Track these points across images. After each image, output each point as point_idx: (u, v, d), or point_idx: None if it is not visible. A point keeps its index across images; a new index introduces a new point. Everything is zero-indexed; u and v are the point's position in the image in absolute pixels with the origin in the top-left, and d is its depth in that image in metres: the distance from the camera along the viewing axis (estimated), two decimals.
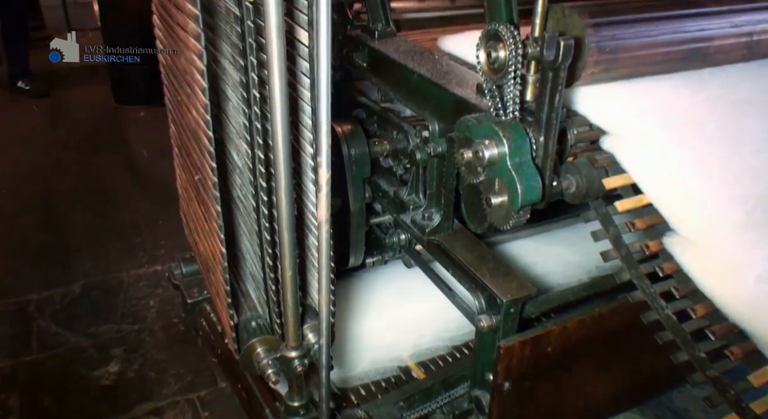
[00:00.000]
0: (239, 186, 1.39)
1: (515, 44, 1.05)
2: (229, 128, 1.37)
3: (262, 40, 1.00)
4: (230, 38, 1.22)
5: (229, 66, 1.29)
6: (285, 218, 1.11)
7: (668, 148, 1.08)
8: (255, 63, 1.12)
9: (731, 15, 1.32)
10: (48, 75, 4.86)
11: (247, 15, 1.10)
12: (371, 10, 1.69)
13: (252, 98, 1.15)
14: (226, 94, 1.36)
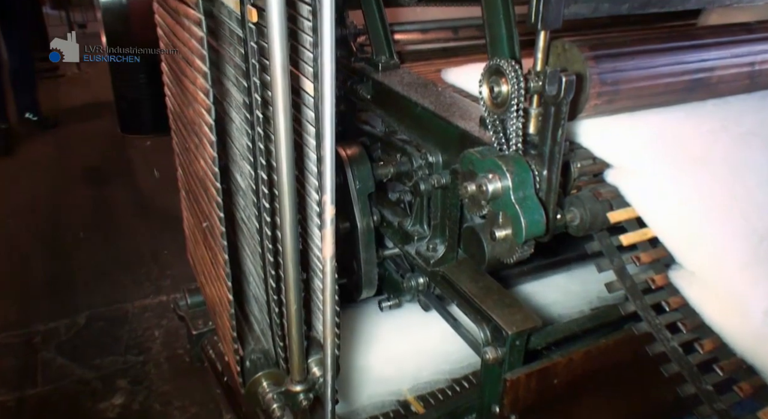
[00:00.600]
0: (242, 208, 1.40)
1: (517, 79, 1.06)
2: (232, 150, 1.38)
3: (266, 61, 1.02)
4: (234, 60, 1.24)
5: (232, 87, 1.30)
6: (290, 252, 1.11)
7: (672, 182, 1.07)
8: (258, 84, 1.13)
9: (732, 46, 1.33)
10: (57, 106, 4.93)
11: (250, 36, 1.12)
12: (375, 43, 1.71)
13: (255, 119, 1.16)
14: (230, 116, 1.37)
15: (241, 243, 1.48)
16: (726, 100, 1.29)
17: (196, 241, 1.64)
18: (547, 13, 1.04)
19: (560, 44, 1.12)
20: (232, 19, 1.24)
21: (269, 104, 1.10)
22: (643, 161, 1.12)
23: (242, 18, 1.16)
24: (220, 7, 1.31)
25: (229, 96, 1.36)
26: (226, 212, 1.19)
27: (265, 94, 1.14)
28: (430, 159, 1.44)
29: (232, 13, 1.23)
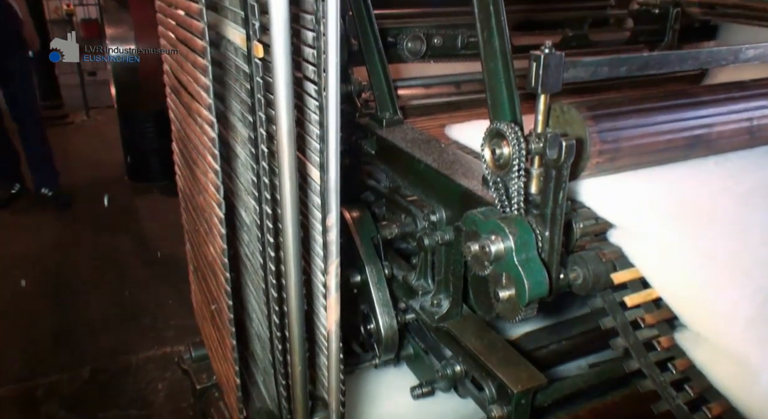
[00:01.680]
0: (246, 243, 1.41)
1: (518, 142, 1.07)
2: (237, 186, 1.40)
3: (271, 96, 1.04)
4: (240, 95, 1.26)
5: (237, 122, 1.33)
6: (294, 314, 1.12)
7: (675, 242, 1.08)
8: (264, 118, 1.15)
9: (728, 103, 1.35)
10: (65, 152, 4.99)
11: (256, 72, 1.14)
12: (379, 99, 1.74)
13: (260, 153, 1.18)
14: (235, 151, 1.39)
15: (245, 287, 1.48)
16: (727, 158, 1.30)
17: (203, 317, 1.65)
18: (546, 77, 1.07)
19: (558, 107, 1.14)
20: (238, 56, 1.28)
21: (274, 139, 1.12)
22: (646, 222, 1.12)
23: (248, 54, 1.19)
24: (226, 43, 1.35)
25: (235, 131, 1.38)
26: (229, 247, 1.20)
27: (270, 128, 1.17)
28: (433, 218, 1.45)
29: (238, 50, 1.26)
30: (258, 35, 1.17)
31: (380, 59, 1.70)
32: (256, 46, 1.16)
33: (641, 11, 2.52)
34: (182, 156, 1.68)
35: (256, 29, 1.17)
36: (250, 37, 1.18)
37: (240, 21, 1.22)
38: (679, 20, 2.46)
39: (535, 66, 1.07)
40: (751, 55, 1.37)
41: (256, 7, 1.16)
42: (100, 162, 5.02)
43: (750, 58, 1.38)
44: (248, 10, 1.17)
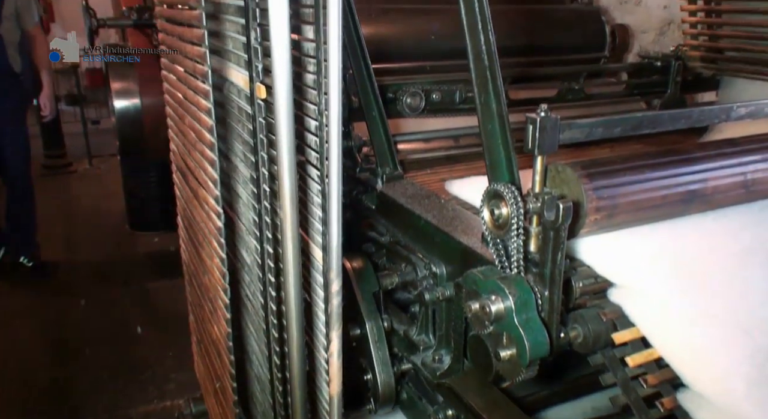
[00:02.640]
0: (247, 284, 1.41)
1: (517, 204, 1.09)
2: (239, 226, 1.42)
3: (273, 136, 1.06)
4: (242, 136, 1.29)
5: (240, 163, 1.35)
6: (297, 380, 1.12)
7: (675, 302, 1.09)
8: (266, 158, 1.17)
9: (721, 159, 1.38)
10: (67, 201, 5.02)
11: (258, 112, 1.17)
12: (379, 155, 1.76)
13: (262, 192, 1.20)
14: (236, 191, 1.41)
15: (246, 328, 1.48)
16: (725, 214, 1.31)
17: (206, 391, 1.65)
18: (543, 139, 1.09)
19: (553, 168, 1.16)
20: (241, 97, 1.31)
21: (276, 179, 1.14)
22: (646, 280, 1.13)
23: (251, 95, 1.22)
24: (229, 86, 1.38)
25: (237, 172, 1.41)
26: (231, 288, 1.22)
27: (272, 168, 1.19)
28: (434, 269, 1.46)
29: (241, 92, 1.30)
30: (261, 77, 1.21)
31: (380, 116, 1.73)
32: (259, 88, 1.20)
33: (643, 64, 2.58)
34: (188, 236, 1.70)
35: (258, 71, 1.21)
36: (252, 78, 1.22)
37: (243, 64, 1.26)
38: (680, 73, 2.52)
39: (532, 128, 1.09)
40: (743, 113, 1.40)
41: (259, 50, 1.21)
42: (102, 211, 5.04)
43: (742, 116, 1.41)
44: (251, 53, 1.21)
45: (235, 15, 1.29)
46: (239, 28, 1.27)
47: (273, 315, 1.17)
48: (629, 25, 3.49)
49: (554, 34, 2.99)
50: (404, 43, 2.56)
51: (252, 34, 1.21)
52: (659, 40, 3.51)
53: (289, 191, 1.08)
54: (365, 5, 2.47)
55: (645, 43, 3.56)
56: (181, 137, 1.68)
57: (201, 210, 1.45)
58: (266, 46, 1.16)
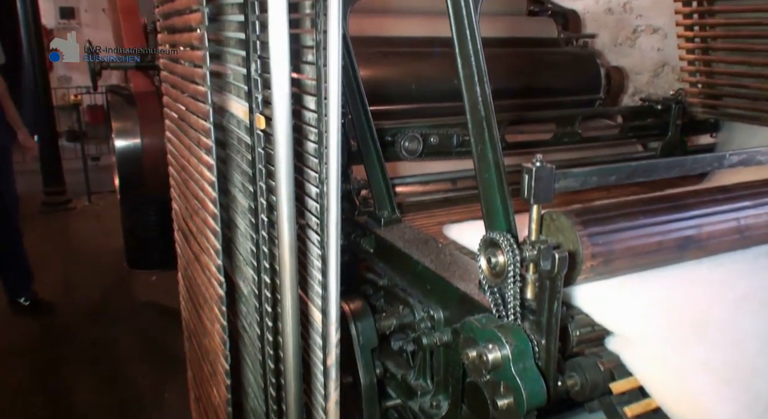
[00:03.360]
0: (244, 315, 1.41)
1: (513, 252, 1.10)
2: (236, 257, 1.42)
3: (271, 166, 1.08)
4: (241, 166, 1.31)
5: (238, 193, 1.37)
6: (291, 358, 1.12)
7: (673, 352, 1.09)
8: (264, 188, 1.18)
9: (713, 205, 1.40)
10: (66, 238, 5.02)
11: (258, 143, 1.19)
12: (377, 198, 1.78)
13: (260, 222, 1.21)
14: (234, 222, 1.42)
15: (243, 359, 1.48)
16: (720, 262, 1.33)
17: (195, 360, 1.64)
18: (538, 189, 1.11)
19: (548, 216, 1.18)
20: (240, 128, 1.33)
21: (274, 209, 1.15)
22: (643, 329, 1.13)
23: (251, 126, 1.24)
24: (229, 117, 1.40)
25: (235, 203, 1.42)
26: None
27: (270, 199, 1.20)
28: (431, 313, 1.46)
29: (240, 122, 1.32)
30: (260, 108, 1.23)
31: (378, 160, 1.75)
32: (258, 118, 1.22)
33: (643, 107, 2.63)
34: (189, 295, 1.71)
35: (258, 102, 1.23)
36: (252, 109, 1.24)
37: (243, 95, 1.28)
38: (680, 116, 2.56)
39: (528, 178, 1.11)
40: (735, 161, 1.43)
41: (259, 81, 1.23)
42: (100, 248, 5.03)
43: (734, 163, 1.43)
44: (251, 84, 1.24)
45: (235, 47, 1.33)
46: (239, 60, 1.30)
47: (267, 289, 1.18)
48: (624, 68, 3.56)
49: (551, 76, 3.04)
50: (402, 85, 2.61)
51: (252, 66, 1.24)
52: (654, 82, 3.57)
53: (287, 222, 1.09)
54: (363, 49, 2.52)
55: (640, 85, 3.62)
56: (184, 200, 1.70)
57: (203, 275, 1.47)
58: (266, 78, 1.19)
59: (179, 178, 1.79)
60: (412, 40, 2.82)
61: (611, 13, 3.73)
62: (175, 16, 1.59)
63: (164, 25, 1.80)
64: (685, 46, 2.55)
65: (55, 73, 9.33)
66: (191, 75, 1.46)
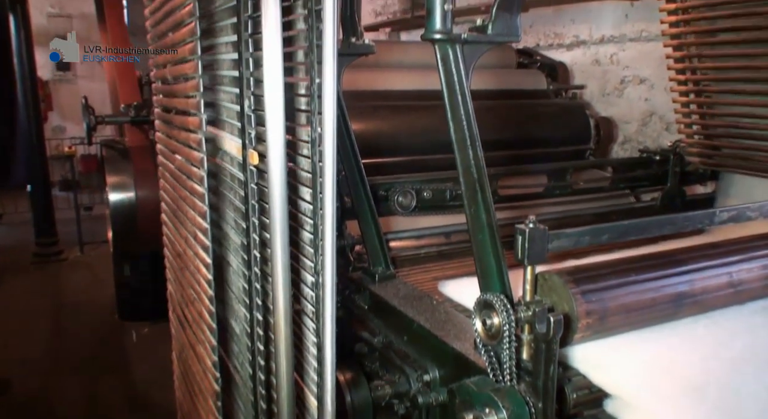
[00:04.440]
0: (236, 354, 1.39)
1: (508, 315, 1.10)
2: (228, 295, 1.41)
3: (265, 203, 1.08)
4: (233, 203, 1.31)
5: (231, 230, 1.37)
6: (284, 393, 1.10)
7: (672, 415, 1.08)
8: (257, 224, 1.18)
9: (704, 260, 1.41)
10: (58, 290, 4.96)
11: (251, 178, 1.19)
12: (371, 254, 1.78)
13: (252, 259, 1.20)
14: (227, 259, 1.42)
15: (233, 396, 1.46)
16: (716, 320, 1.33)
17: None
18: (532, 250, 1.11)
19: (540, 277, 1.18)
20: (233, 165, 1.33)
21: (267, 246, 1.14)
22: (641, 391, 1.13)
23: (243, 162, 1.24)
24: (222, 154, 1.41)
25: (228, 240, 1.42)
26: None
27: (263, 235, 1.20)
28: (426, 378, 1.45)
29: (234, 159, 1.33)
30: (253, 144, 1.24)
31: (372, 216, 1.76)
32: (251, 154, 1.23)
33: (642, 158, 2.67)
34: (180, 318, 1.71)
35: (251, 138, 1.24)
36: (245, 145, 1.25)
37: (236, 132, 1.29)
38: (679, 166, 2.59)
39: (521, 240, 1.12)
40: (725, 218, 1.44)
41: (252, 117, 1.24)
42: (91, 300, 4.98)
43: (725, 220, 1.44)
44: (245, 121, 1.25)
45: (229, 85, 1.35)
46: (233, 97, 1.32)
47: (259, 327, 1.17)
48: (612, 117, 3.62)
49: (541, 127, 3.09)
50: (395, 138, 2.64)
51: (246, 102, 1.25)
52: (642, 131, 3.63)
53: (280, 257, 1.10)
54: (355, 102, 2.56)
55: (629, 134, 3.67)
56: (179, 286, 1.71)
57: (195, 323, 1.46)
58: (259, 115, 1.21)
59: (172, 226, 1.80)
60: (404, 94, 2.87)
61: (598, 65, 3.81)
62: (171, 65, 1.63)
63: (159, 74, 1.84)
64: (679, 100, 2.60)
65: (49, 123, 9.40)
66: (185, 123, 1.48)
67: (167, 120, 1.76)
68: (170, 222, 1.89)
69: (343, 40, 1.62)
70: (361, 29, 1.63)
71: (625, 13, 3.56)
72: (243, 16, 1.22)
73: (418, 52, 3.11)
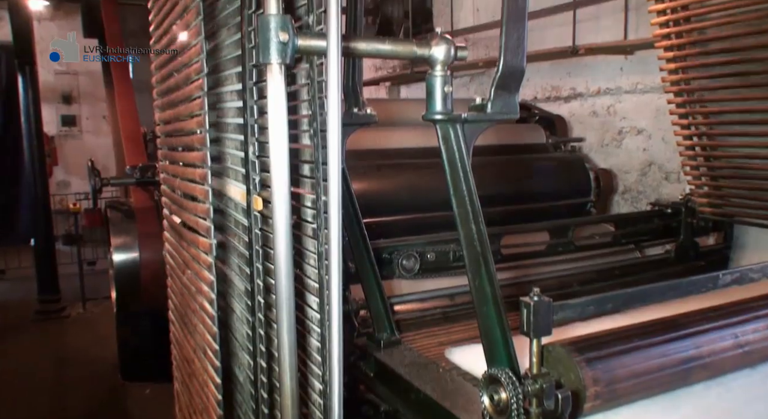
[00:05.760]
0: (239, 404, 1.37)
1: (515, 390, 1.10)
2: (232, 343, 1.40)
3: (269, 249, 1.08)
4: (237, 249, 1.31)
5: (235, 276, 1.37)
6: None
7: None
8: (261, 269, 1.18)
9: (707, 322, 1.41)
10: (59, 348, 4.91)
11: (255, 224, 1.19)
12: (376, 319, 1.78)
13: (257, 305, 1.20)
14: (231, 306, 1.41)
15: None
16: (728, 388, 1.32)
17: None
18: (537, 324, 1.12)
19: (546, 350, 1.18)
20: (238, 211, 1.34)
21: (271, 292, 1.14)
22: None
23: (248, 208, 1.25)
24: (227, 201, 1.42)
25: (232, 287, 1.42)
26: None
27: (267, 280, 1.20)
28: None
29: (238, 205, 1.33)
30: (258, 190, 1.25)
31: (376, 281, 1.76)
32: (256, 200, 1.24)
33: (654, 211, 2.69)
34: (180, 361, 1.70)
35: (256, 184, 1.26)
36: (249, 191, 1.26)
37: (240, 178, 1.31)
38: (690, 218, 2.61)
39: (526, 313, 1.12)
40: (729, 281, 1.45)
41: (257, 163, 1.26)
42: (93, 359, 4.92)
43: (728, 283, 1.45)
44: (249, 167, 1.26)
45: (234, 132, 1.37)
46: (237, 144, 1.34)
47: (263, 374, 1.15)
48: (612, 169, 3.65)
49: (542, 182, 3.12)
50: (398, 197, 2.66)
51: (250, 149, 1.27)
52: (642, 180, 3.66)
53: (286, 303, 1.10)
54: (358, 162, 2.59)
55: (629, 183, 3.70)
56: (181, 332, 1.72)
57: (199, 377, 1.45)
58: (263, 161, 1.22)
59: (177, 280, 1.80)
60: (406, 152, 2.90)
61: (596, 116, 3.87)
62: (177, 121, 1.67)
63: (164, 130, 1.88)
64: (683, 144, 2.62)
65: (54, 178, 9.48)
66: (191, 175, 1.51)
67: (173, 173, 1.80)
68: (175, 275, 1.90)
69: (346, 110, 1.65)
70: (363, 99, 1.67)
71: (620, 66, 3.64)
72: (248, 65, 1.25)
73: (418, 109, 3.15)
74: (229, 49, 1.38)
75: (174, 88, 1.72)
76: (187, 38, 1.50)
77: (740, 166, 2.46)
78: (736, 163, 2.49)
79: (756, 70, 2.27)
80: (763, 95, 2.28)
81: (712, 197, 2.58)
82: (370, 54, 1.19)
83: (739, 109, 2.42)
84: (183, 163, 1.70)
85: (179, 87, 1.63)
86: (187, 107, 1.57)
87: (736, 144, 2.49)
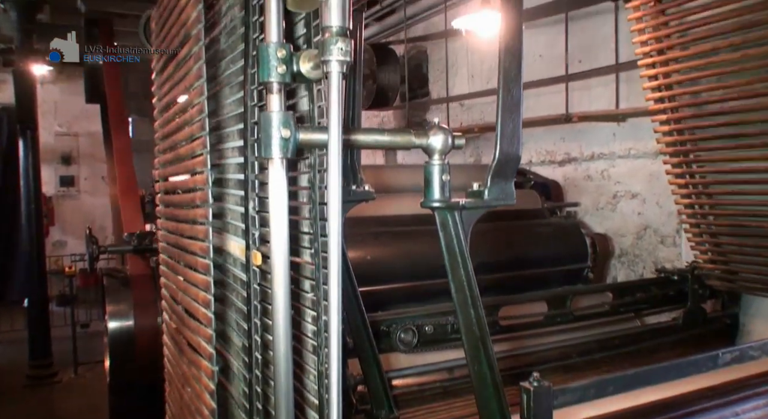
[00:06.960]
0: None
1: None
2: (229, 402, 1.35)
3: (268, 305, 1.06)
4: (235, 304, 1.28)
5: (232, 332, 1.33)
6: None
7: None
8: (259, 325, 1.16)
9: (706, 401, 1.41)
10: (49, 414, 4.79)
11: (253, 279, 1.18)
12: (374, 396, 1.76)
13: (254, 361, 1.17)
14: (228, 363, 1.38)
15: None
16: None
17: None
18: (537, 410, 1.11)
19: None
20: (236, 266, 1.32)
21: (269, 348, 1.12)
22: None
23: (246, 263, 1.24)
24: (227, 256, 1.41)
25: (229, 343, 1.39)
26: None
27: (265, 337, 1.18)
28: None
29: (237, 261, 1.32)
30: (257, 245, 1.24)
31: (374, 357, 1.75)
32: (255, 255, 1.23)
33: (660, 279, 2.69)
34: None
35: (255, 238, 1.25)
36: (249, 246, 1.25)
37: (240, 233, 1.30)
38: (697, 285, 2.61)
39: (526, 398, 1.12)
40: (729, 360, 1.44)
41: (256, 218, 1.25)
42: None
43: (728, 362, 1.45)
44: (248, 222, 1.26)
45: (234, 188, 1.37)
46: (238, 199, 1.34)
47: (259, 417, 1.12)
48: (607, 233, 3.67)
49: (538, 248, 3.12)
50: (396, 265, 2.66)
51: (250, 204, 1.27)
52: (638, 244, 3.67)
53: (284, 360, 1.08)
54: (356, 229, 2.60)
55: (625, 247, 3.71)
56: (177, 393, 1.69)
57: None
58: (263, 216, 1.23)
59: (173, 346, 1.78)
60: (404, 219, 2.91)
61: (591, 180, 3.91)
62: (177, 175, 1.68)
63: (164, 200, 1.89)
64: (682, 202, 2.64)
65: (50, 238, 9.46)
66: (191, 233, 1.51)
67: (172, 230, 1.80)
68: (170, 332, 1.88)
69: (344, 187, 1.67)
70: (361, 177, 1.69)
71: (612, 132, 3.70)
72: (249, 122, 1.27)
73: (415, 176, 3.18)
74: (231, 107, 1.40)
75: (176, 145, 1.74)
76: (189, 98, 1.53)
77: (741, 224, 2.48)
78: (736, 221, 2.51)
79: (751, 132, 2.32)
80: (761, 156, 2.31)
81: (717, 263, 2.58)
82: (369, 145, 1.21)
83: (736, 169, 2.45)
84: (182, 220, 1.71)
85: (181, 145, 1.65)
86: (189, 164, 1.59)
87: (736, 202, 2.52)
